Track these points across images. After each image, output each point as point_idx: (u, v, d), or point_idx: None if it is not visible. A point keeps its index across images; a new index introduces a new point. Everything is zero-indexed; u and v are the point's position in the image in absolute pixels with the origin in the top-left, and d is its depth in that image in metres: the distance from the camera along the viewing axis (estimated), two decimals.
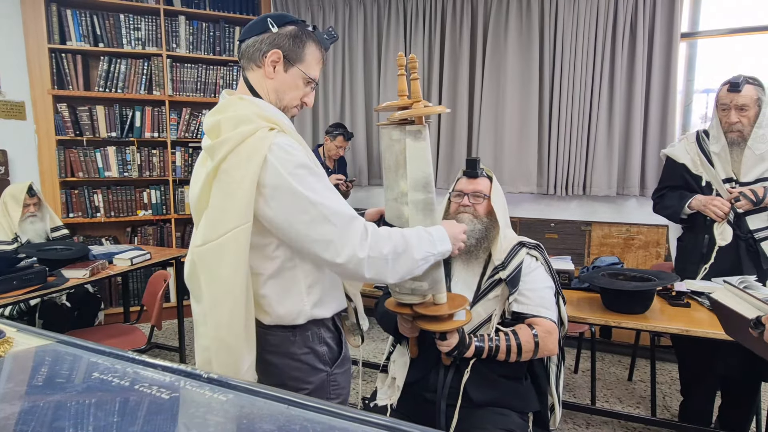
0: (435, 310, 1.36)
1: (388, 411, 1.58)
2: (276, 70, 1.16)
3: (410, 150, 1.22)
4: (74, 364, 0.78)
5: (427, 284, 1.32)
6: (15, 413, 0.62)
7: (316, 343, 1.20)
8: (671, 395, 2.75)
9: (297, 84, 1.18)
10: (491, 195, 1.63)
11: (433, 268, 1.27)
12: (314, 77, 1.20)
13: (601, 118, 3.24)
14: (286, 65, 1.16)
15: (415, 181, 1.23)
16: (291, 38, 1.16)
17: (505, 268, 1.56)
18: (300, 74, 1.18)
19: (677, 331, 1.74)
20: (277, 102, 1.18)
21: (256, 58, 1.16)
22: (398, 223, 1.31)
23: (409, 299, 1.38)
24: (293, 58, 1.16)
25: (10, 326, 0.92)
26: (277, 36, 1.15)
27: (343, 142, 3.55)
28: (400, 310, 1.42)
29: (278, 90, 1.17)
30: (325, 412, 0.59)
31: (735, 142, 2.02)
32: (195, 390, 0.65)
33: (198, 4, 3.79)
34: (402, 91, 1.26)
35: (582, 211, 3.44)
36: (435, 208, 1.28)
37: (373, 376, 3.07)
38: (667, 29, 3.08)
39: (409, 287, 1.35)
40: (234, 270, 1.07)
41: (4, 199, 2.69)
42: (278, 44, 1.15)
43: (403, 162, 1.23)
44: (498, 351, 1.47)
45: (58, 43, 3.45)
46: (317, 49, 1.20)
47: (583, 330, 2.69)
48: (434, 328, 1.38)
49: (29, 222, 2.70)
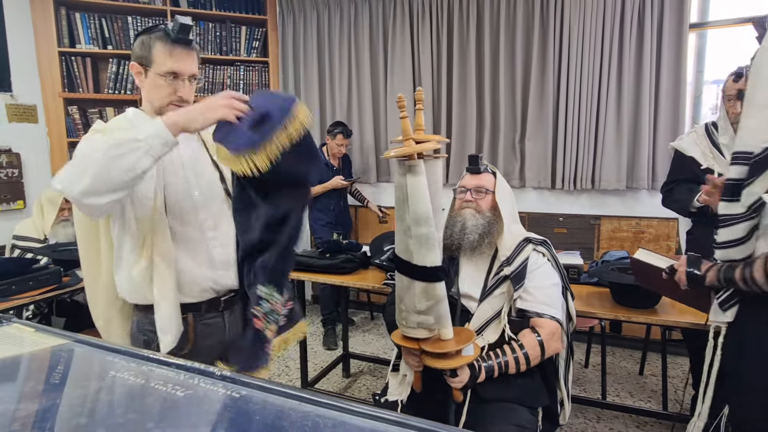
0: (442, 346, 1.37)
1: (398, 407, 1.59)
2: (141, 80, 1.28)
3: (410, 185, 1.26)
4: (90, 363, 0.80)
5: (432, 318, 1.34)
6: (33, 412, 0.63)
7: (137, 332, 1.35)
8: (683, 389, 2.74)
9: (157, 84, 1.26)
10: (495, 190, 1.64)
11: (437, 303, 1.32)
12: (166, 71, 1.25)
13: (610, 111, 3.22)
14: (145, 72, 1.27)
15: (416, 215, 1.27)
16: (139, 47, 1.27)
17: (510, 264, 1.57)
18: (154, 75, 1.26)
19: (687, 325, 1.73)
20: (151, 106, 1.29)
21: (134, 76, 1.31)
22: (405, 256, 1.34)
23: (416, 333, 1.39)
24: (146, 63, 1.26)
25: (28, 326, 0.95)
26: (132, 52, 1.29)
27: (343, 140, 3.56)
28: (406, 344, 1.43)
29: (147, 96, 1.29)
30: (338, 408, 0.60)
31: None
32: (209, 387, 0.67)
33: (204, 4, 3.81)
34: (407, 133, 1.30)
35: (591, 205, 3.42)
36: (435, 242, 1.32)
37: (383, 372, 3.08)
38: (676, 20, 3.04)
39: (414, 321, 1.36)
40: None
41: (41, 201, 2.76)
42: (134, 57, 1.28)
43: (406, 197, 1.28)
44: (507, 367, 1.48)
45: (68, 47, 3.49)
46: (163, 44, 1.25)
47: (593, 324, 2.68)
48: (442, 365, 1.38)
49: (62, 225, 2.78)
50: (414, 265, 1.32)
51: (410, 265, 1.33)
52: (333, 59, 4.02)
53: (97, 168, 1.03)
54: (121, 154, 1.04)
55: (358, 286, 2.36)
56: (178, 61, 1.25)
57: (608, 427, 2.40)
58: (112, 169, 1.03)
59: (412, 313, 1.37)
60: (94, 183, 1.03)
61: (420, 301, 1.34)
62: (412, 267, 1.33)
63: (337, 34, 3.96)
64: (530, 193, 3.56)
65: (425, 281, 1.32)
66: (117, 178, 1.04)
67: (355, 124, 3.97)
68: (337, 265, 2.38)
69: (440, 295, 1.35)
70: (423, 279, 1.32)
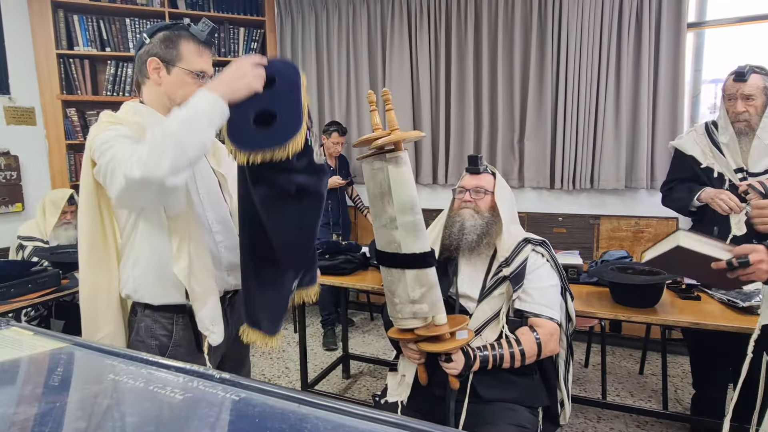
0: (436, 330, 1.38)
1: (398, 407, 1.59)
2: (161, 76, 1.27)
3: (393, 176, 1.28)
4: (90, 366, 0.80)
5: (427, 306, 1.35)
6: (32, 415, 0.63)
7: (147, 337, 1.30)
8: (683, 388, 2.74)
9: (184, 81, 1.27)
10: (495, 191, 1.64)
11: (430, 289, 1.33)
12: (198, 69, 1.27)
13: (609, 110, 3.22)
14: (167, 68, 1.26)
15: (401, 204, 1.29)
16: (163, 43, 1.26)
17: (509, 265, 1.57)
18: (182, 72, 1.26)
19: (687, 324, 1.73)
20: (170, 103, 1.28)
21: (144, 72, 1.28)
22: (390, 249, 1.35)
23: (411, 323, 1.40)
24: (170, 59, 1.26)
25: (26, 330, 0.94)
26: (151, 45, 1.26)
27: (338, 138, 3.57)
28: (403, 336, 1.45)
29: (168, 92, 1.28)
30: (337, 410, 0.60)
31: (743, 132, 2.00)
32: (208, 390, 0.66)
33: (202, 6, 3.81)
34: (375, 125, 1.34)
35: (590, 205, 3.42)
36: (423, 228, 1.33)
37: (383, 373, 3.08)
38: (674, 19, 3.04)
39: (409, 311, 1.37)
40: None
41: (44, 202, 2.78)
42: (153, 53, 1.26)
43: (388, 189, 1.29)
44: (502, 360, 1.48)
45: (66, 49, 3.48)
46: (194, 43, 1.28)
47: (593, 324, 2.68)
48: (438, 348, 1.39)
49: (63, 228, 2.78)
50: (403, 255, 1.33)
51: (399, 256, 1.34)
52: (331, 61, 4.02)
53: (176, 147, 1.05)
54: (191, 130, 1.07)
55: (357, 287, 2.36)
56: (207, 62, 1.31)
57: (609, 426, 2.40)
58: (187, 145, 1.06)
59: (406, 304, 1.38)
60: (175, 161, 1.05)
61: (413, 289, 1.35)
62: (401, 257, 1.34)
63: (335, 36, 3.97)
64: (529, 193, 3.56)
65: (416, 268, 1.34)
66: (192, 153, 1.07)
67: (353, 125, 3.97)
68: (336, 266, 2.38)
69: (432, 280, 1.36)
70: (414, 266, 1.34)
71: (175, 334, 1.32)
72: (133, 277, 1.29)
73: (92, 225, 1.27)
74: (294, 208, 1.19)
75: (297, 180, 1.15)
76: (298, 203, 1.19)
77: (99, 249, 1.29)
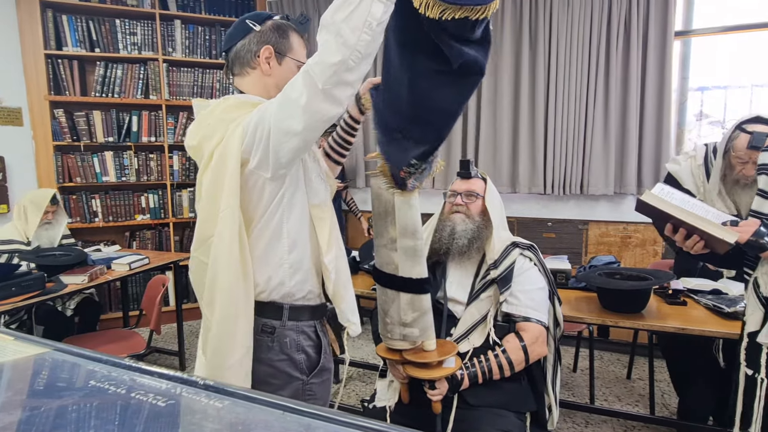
0: (424, 356, 1.37)
1: (387, 412, 1.59)
2: (272, 66, 1.18)
3: (398, 198, 1.25)
4: (71, 372, 0.79)
5: (417, 330, 1.34)
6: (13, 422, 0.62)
7: (294, 351, 1.18)
8: (670, 393, 2.76)
9: (293, 70, 1.19)
10: (485, 195, 1.65)
11: (422, 315, 1.32)
12: (303, 61, 1.23)
13: (597, 117, 3.25)
14: (278, 58, 1.19)
15: (403, 228, 1.27)
16: (275, 31, 1.18)
17: (497, 267, 1.57)
18: (293, 63, 1.21)
19: (674, 329, 1.75)
20: (276, 90, 1.14)
21: (249, 60, 1.18)
22: (388, 270, 1.33)
23: (400, 345, 1.39)
24: (283, 49, 1.19)
25: (8, 335, 0.93)
26: (262, 33, 1.18)
27: None
28: (390, 356, 1.43)
29: (278, 84, 1.15)
30: (322, 418, 0.60)
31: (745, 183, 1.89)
32: (191, 397, 0.66)
33: (193, 8, 3.79)
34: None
35: (579, 210, 3.45)
36: (423, 254, 1.31)
37: (373, 378, 3.07)
38: (661, 27, 3.09)
39: (399, 333, 1.36)
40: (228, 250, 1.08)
41: (23, 203, 2.71)
42: (266, 40, 1.18)
43: (392, 209, 1.26)
44: (491, 372, 1.49)
45: (55, 49, 3.45)
46: (298, 36, 1.23)
47: (581, 329, 2.69)
48: (423, 375, 1.38)
49: (45, 228, 2.73)
50: (401, 278, 1.32)
51: (396, 278, 1.33)
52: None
53: (339, 37, 0.91)
54: (351, 11, 0.90)
55: None
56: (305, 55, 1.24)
57: (596, 431, 2.42)
58: (346, 33, 0.90)
59: (397, 326, 1.37)
60: (345, 56, 0.91)
61: (406, 313, 1.34)
62: (398, 279, 1.32)
63: None
64: (519, 198, 3.58)
65: (411, 293, 1.33)
66: (359, 39, 0.91)
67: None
68: None
69: (426, 306, 1.35)
70: (409, 290, 1.32)
71: (322, 340, 1.23)
72: (279, 279, 1.14)
73: (232, 233, 1.08)
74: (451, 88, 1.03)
75: (467, 54, 0.98)
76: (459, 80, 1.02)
77: (239, 263, 1.09)
